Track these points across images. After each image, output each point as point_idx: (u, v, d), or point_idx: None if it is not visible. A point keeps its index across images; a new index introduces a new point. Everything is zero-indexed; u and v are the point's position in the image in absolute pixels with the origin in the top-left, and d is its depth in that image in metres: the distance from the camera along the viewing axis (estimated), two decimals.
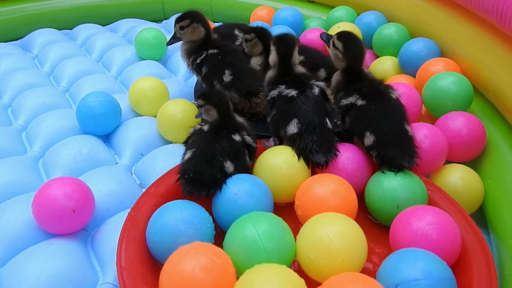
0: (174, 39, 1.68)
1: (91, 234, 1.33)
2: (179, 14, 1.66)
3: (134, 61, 2.37)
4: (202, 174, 1.16)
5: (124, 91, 2.15)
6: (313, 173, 1.29)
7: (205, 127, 1.30)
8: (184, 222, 1.03)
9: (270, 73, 1.46)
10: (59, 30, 2.86)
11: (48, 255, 1.16)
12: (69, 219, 1.21)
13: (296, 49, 1.43)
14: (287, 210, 1.18)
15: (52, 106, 1.94)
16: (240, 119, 1.35)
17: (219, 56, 1.61)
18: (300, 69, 1.44)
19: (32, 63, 2.42)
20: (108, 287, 1.15)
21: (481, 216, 1.40)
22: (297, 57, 1.44)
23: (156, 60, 2.38)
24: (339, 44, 1.40)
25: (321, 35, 1.54)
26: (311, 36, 2.27)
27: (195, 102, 1.76)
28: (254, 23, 2.56)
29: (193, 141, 1.28)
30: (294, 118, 1.30)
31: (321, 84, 1.37)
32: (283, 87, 1.36)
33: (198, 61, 1.63)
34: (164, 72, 2.26)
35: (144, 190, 1.49)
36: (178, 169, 1.21)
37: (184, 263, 0.88)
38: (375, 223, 1.25)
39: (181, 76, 2.28)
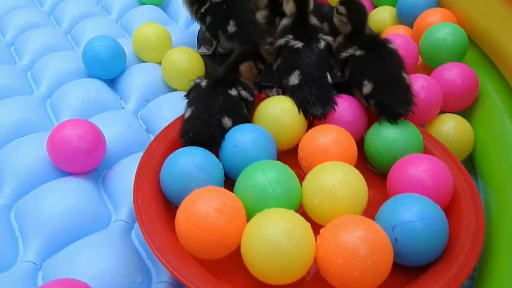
0: None
1: (102, 175, 1.40)
2: None
3: (134, 5, 2.34)
4: (201, 134, 1.21)
5: (126, 36, 2.15)
6: (310, 123, 1.35)
7: (203, 83, 1.33)
8: (197, 167, 1.09)
9: (285, 22, 1.48)
10: None
11: (64, 191, 1.22)
12: (82, 159, 1.27)
13: None
14: (284, 157, 1.25)
15: (56, 47, 1.94)
16: (243, 79, 1.38)
17: (223, 5, 1.61)
18: (313, 20, 1.47)
19: (31, 2, 2.39)
20: (121, 224, 1.22)
21: (470, 162, 1.50)
22: (312, 5, 1.47)
23: (156, 5, 2.36)
24: (342, 9, 1.45)
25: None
26: None
27: (199, 51, 1.79)
28: None
29: (192, 97, 1.33)
30: (297, 70, 1.35)
31: (329, 38, 1.41)
32: (290, 37, 1.40)
33: (202, 11, 1.63)
34: (165, 18, 2.25)
35: (151, 135, 1.57)
36: (179, 127, 1.26)
37: (200, 204, 0.95)
38: (372, 170, 1.33)
39: (182, 23, 2.27)
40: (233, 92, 1.30)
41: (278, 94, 1.50)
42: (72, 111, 1.58)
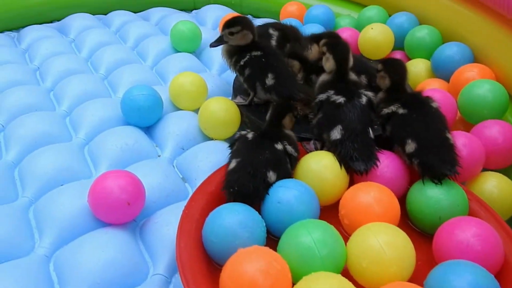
0: (220, 42, 1.69)
1: (139, 225, 1.39)
2: (229, 19, 1.68)
3: (169, 52, 2.41)
4: (245, 187, 1.20)
5: (161, 83, 2.20)
6: (351, 177, 1.34)
7: (249, 135, 1.35)
8: (241, 225, 1.08)
9: (324, 77, 1.50)
10: (93, 15, 2.91)
11: (103, 243, 1.23)
12: (123, 211, 1.28)
13: (351, 54, 1.49)
14: (324, 212, 1.24)
15: (94, 94, 2.00)
16: (287, 131, 1.40)
17: (262, 58, 1.64)
18: (352, 76, 1.49)
19: (70, 48, 2.48)
20: (160, 278, 1.21)
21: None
22: (351, 62, 1.50)
23: (190, 53, 2.41)
24: (381, 66, 1.48)
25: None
26: (344, 35, 2.31)
27: (235, 100, 1.82)
28: (285, 20, 2.58)
29: (237, 148, 1.34)
30: (339, 125, 1.35)
31: (370, 93, 1.42)
32: (332, 92, 1.42)
33: (241, 63, 1.66)
34: (199, 65, 2.30)
35: (187, 185, 1.57)
36: (223, 178, 1.26)
37: (246, 266, 0.93)
38: (413, 228, 1.30)
39: (215, 70, 2.32)
40: (279, 146, 1.31)
41: (315, 146, 1.50)
42: (110, 159, 1.60)
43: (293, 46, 1.78)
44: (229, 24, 1.65)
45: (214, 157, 1.59)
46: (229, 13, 2.74)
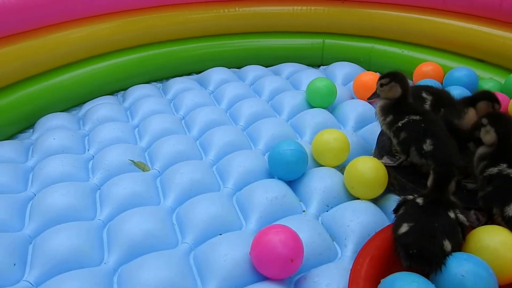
0: (374, 95, 1.77)
1: (293, 281, 1.40)
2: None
3: (303, 106, 2.47)
4: (425, 251, 1.18)
5: (297, 137, 2.25)
6: None
7: (419, 200, 1.32)
8: None
9: (483, 150, 1.46)
10: (228, 68, 3.10)
11: None
12: (287, 267, 1.30)
13: None
14: None
15: (236, 145, 2.10)
16: (454, 198, 1.36)
17: (422, 124, 1.62)
18: None
19: (210, 99, 2.64)
20: None
21: None
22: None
23: (324, 108, 2.45)
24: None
25: None
26: None
27: (382, 161, 1.80)
28: (421, 81, 2.55)
29: (406, 212, 1.31)
30: None
31: None
32: (504, 165, 1.36)
33: (399, 125, 1.66)
34: (334, 122, 2.33)
35: (335, 243, 1.56)
36: (397, 240, 1.25)
37: None
38: None
39: (350, 126, 2.32)
40: (452, 214, 1.27)
41: (477, 217, 1.43)
42: (260, 212, 1.65)
43: (447, 112, 1.74)
44: (382, 76, 1.74)
45: (363, 218, 1.57)
46: (362, 72, 2.76)
